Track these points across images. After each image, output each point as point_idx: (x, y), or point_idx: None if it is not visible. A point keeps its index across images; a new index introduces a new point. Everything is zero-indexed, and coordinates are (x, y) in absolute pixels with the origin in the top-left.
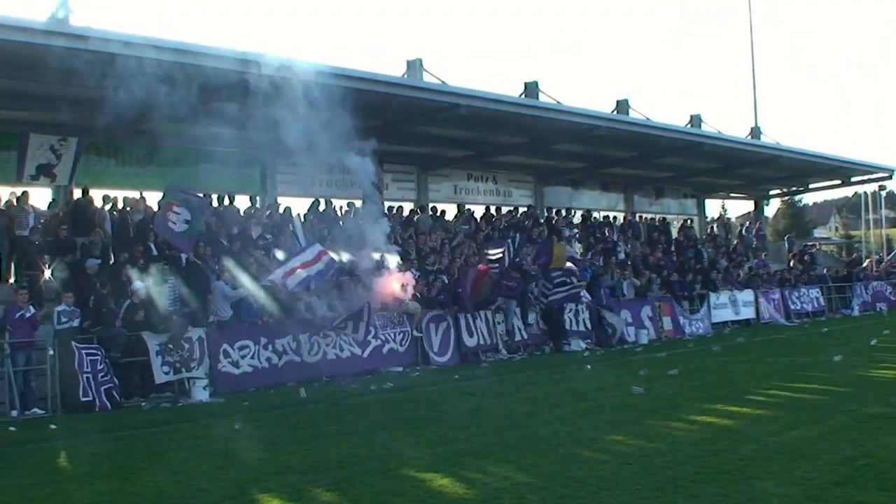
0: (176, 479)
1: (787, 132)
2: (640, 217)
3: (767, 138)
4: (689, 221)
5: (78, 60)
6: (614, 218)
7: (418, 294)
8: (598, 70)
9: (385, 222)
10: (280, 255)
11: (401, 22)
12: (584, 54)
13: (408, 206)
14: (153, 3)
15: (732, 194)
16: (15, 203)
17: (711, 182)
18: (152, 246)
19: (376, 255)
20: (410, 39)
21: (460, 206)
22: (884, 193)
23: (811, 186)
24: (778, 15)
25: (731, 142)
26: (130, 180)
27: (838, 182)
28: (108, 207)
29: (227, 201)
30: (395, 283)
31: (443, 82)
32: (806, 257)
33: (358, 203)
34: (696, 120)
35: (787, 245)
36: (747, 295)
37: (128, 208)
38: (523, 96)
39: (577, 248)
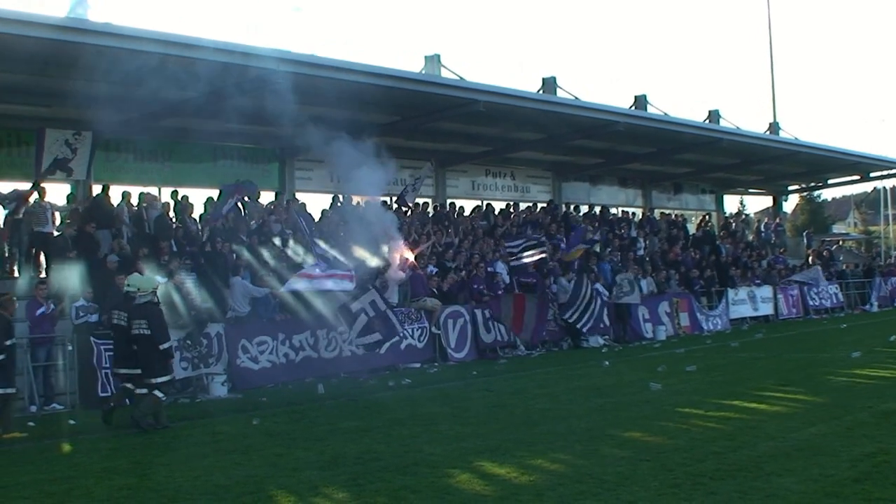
0: (194, 475)
1: (805, 128)
2: (661, 214)
3: (786, 134)
4: (707, 217)
5: (95, 56)
6: (633, 214)
7: (435, 290)
8: (616, 66)
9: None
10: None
11: (417, 17)
12: (602, 51)
13: (426, 202)
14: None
15: (751, 190)
16: (31, 200)
17: (730, 178)
18: (172, 242)
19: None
20: (426, 34)
21: (482, 204)
22: None
23: (830, 182)
24: (797, 10)
25: (750, 137)
26: (148, 176)
27: (857, 177)
28: (126, 203)
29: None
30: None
31: (461, 78)
32: (825, 253)
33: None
34: (714, 115)
35: (805, 241)
36: (766, 291)
37: (144, 204)
38: (541, 92)
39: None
